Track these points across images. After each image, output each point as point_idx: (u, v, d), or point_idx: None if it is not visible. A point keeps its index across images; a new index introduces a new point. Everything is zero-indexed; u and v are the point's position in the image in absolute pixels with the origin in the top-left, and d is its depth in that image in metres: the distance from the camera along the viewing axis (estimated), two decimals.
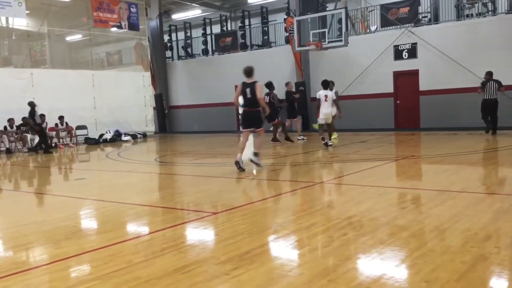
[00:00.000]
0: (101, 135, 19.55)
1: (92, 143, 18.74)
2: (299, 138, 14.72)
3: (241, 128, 9.40)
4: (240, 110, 9.71)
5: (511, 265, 3.37)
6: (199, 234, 4.70)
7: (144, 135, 21.52)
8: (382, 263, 3.52)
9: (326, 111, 12.14)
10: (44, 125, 16.50)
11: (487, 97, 13.50)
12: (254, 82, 9.06)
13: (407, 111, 17.67)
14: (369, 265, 3.54)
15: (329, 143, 12.15)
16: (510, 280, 3.16)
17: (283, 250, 4.02)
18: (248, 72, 9.28)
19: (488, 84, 13.53)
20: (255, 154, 8.85)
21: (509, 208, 4.94)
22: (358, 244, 4.02)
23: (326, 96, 12.06)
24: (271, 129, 14.04)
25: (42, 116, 16.43)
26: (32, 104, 15.74)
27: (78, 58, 25.99)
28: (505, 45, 15.54)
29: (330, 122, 12.36)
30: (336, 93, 13.47)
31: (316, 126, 13.12)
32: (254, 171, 8.74)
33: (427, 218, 4.76)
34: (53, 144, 17.12)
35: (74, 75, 20.31)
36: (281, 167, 9.98)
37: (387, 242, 4.00)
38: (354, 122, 17.62)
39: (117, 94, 21.23)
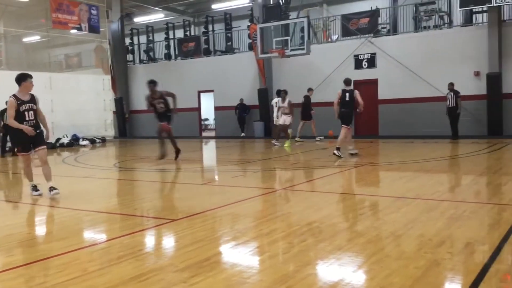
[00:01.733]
0: (58, 139, 19.01)
1: (48, 147, 18.12)
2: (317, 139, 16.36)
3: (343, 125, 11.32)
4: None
5: (463, 270, 3.48)
6: (158, 241, 4.64)
7: (103, 140, 21.08)
8: (340, 269, 3.57)
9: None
10: None
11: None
12: (353, 90, 11.24)
13: (366, 119, 18.04)
14: (327, 270, 3.58)
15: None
16: (462, 284, 3.26)
17: (243, 256, 4.02)
18: (348, 82, 11.41)
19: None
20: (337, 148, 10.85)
21: (461, 214, 5.11)
22: (317, 250, 4.06)
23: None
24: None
25: None
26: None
27: (36, 60, 25.24)
28: (460, 57, 16.14)
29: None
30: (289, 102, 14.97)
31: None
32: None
33: (384, 224, 4.87)
34: (7, 148, 16.52)
35: None
36: (242, 173, 9.99)
37: (345, 248, 4.06)
38: (316, 129, 17.84)
39: (76, 97, 20.72)
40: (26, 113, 6.94)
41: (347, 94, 11.10)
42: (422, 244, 4.06)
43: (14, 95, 6.93)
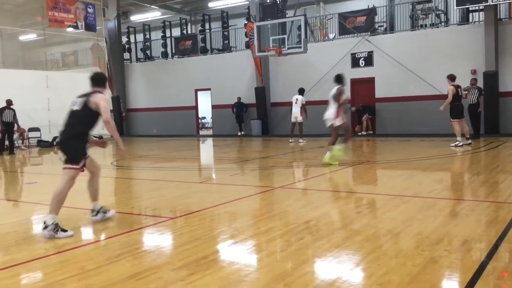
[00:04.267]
0: (55, 138, 18.94)
1: (45, 146, 18.14)
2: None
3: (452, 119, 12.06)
4: None
5: (460, 268, 3.49)
6: (156, 240, 4.63)
7: (100, 138, 21.00)
8: (337, 267, 3.58)
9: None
10: None
11: (471, 102, 14.03)
12: (458, 85, 12.08)
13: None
14: (324, 268, 3.59)
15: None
16: (460, 282, 3.27)
17: (241, 255, 4.02)
18: (453, 77, 12.10)
19: (471, 89, 14.08)
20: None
21: (459, 212, 5.13)
22: (314, 248, 4.07)
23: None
24: None
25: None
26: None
27: (32, 58, 25.22)
28: (456, 55, 16.17)
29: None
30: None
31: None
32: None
33: (381, 222, 4.88)
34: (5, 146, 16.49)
35: (27, 76, 19.63)
36: (240, 171, 9.99)
37: (342, 246, 4.07)
38: (312, 127, 17.85)
39: (73, 96, 20.50)
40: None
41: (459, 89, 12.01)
42: (419, 242, 4.07)
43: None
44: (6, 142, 15.86)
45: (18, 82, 18.51)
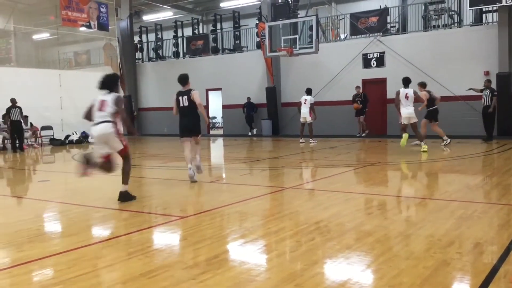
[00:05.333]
0: (67, 136, 19.14)
1: (58, 144, 18.32)
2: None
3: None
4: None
5: (472, 271, 3.47)
6: (167, 238, 4.66)
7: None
8: (348, 268, 3.57)
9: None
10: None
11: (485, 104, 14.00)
12: (429, 91, 12.45)
13: (375, 118, 17.97)
14: (335, 269, 3.58)
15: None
16: (471, 285, 3.25)
17: (251, 254, 4.03)
18: (424, 84, 12.53)
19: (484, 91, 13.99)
20: None
21: (471, 214, 5.09)
22: (325, 249, 4.06)
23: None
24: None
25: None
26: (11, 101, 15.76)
27: (45, 57, 25.45)
28: (469, 56, 16.04)
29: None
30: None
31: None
32: None
33: (392, 223, 4.86)
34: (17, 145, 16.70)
35: (40, 74, 19.84)
36: (250, 171, 10.00)
37: (353, 247, 4.06)
38: (324, 128, 17.82)
39: (85, 95, 20.62)
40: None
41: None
42: (431, 244, 4.05)
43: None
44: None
45: (31, 81, 18.72)
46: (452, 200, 5.98)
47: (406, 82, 11.94)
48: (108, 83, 6.75)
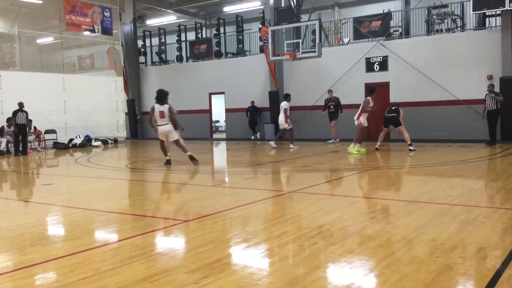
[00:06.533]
0: (71, 140, 19.19)
1: (61, 148, 18.36)
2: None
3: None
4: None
5: (475, 275, 3.45)
6: (169, 242, 4.66)
7: (115, 141, 21.22)
8: (350, 272, 3.56)
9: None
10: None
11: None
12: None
13: (377, 122, 17.93)
14: (338, 274, 3.57)
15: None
16: None
17: (254, 258, 4.02)
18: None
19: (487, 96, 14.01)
20: None
21: (474, 219, 5.07)
22: (327, 253, 4.05)
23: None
24: None
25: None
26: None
27: (49, 61, 25.54)
28: (472, 60, 16.01)
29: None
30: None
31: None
32: None
33: (395, 228, 4.85)
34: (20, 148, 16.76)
35: (44, 78, 19.93)
36: (253, 175, 10.00)
37: (355, 251, 4.05)
38: (326, 132, 17.81)
39: (89, 99, 20.92)
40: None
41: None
42: (434, 248, 4.04)
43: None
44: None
45: (35, 85, 18.80)
46: (455, 205, 5.96)
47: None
48: (162, 97, 11.04)
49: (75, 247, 4.37)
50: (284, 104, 14.96)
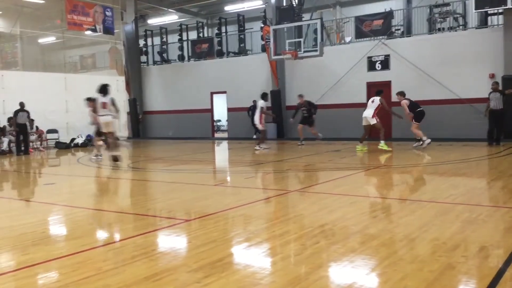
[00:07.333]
0: (73, 140, 19.21)
1: (63, 147, 18.38)
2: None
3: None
4: None
5: (477, 274, 3.45)
6: (171, 242, 4.66)
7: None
8: (353, 271, 3.56)
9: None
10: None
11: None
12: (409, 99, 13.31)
13: (379, 121, 17.89)
14: (340, 273, 3.57)
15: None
16: None
17: (256, 258, 4.02)
18: (404, 93, 13.38)
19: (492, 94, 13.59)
20: None
21: (476, 218, 5.06)
22: (329, 252, 4.05)
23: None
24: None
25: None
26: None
27: (51, 61, 25.58)
28: (474, 59, 15.97)
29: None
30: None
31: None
32: None
33: (397, 227, 4.84)
34: (22, 148, 16.79)
35: (46, 78, 19.95)
36: (254, 174, 9.99)
37: (358, 250, 4.04)
38: (328, 131, 17.79)
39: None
40: None
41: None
42: (436, 247, 4.03)
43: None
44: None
45: (37, 84, 18.82)
46: (458, 203, 5.95)
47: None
48: (104, 89, 11.31)
49: (77, 247, 4.38)
50: (260, 103, 14.54)
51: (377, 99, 13.09)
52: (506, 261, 3.63)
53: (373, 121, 13.02)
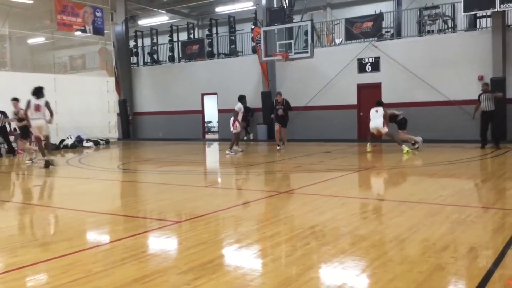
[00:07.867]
0: (62, 141, 19.06)
1: (52, 148, 18.18)
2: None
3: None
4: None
5: (467, 275, 3.47)
6: (161, 243, 4.64)
7: (107, 142, 21.11)
8: (343, 272, 3.57)
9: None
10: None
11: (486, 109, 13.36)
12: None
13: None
14: (330, 274, 3.58)
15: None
16: None
17: (246, 259, 4.02)
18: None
19: (484, 95, 13.40)
20: None
21: (465, 219, 5.10)
22: (320, 253, 4.06)
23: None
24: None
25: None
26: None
27: (40, 61, 25.34)
28: (463, 61, 16.12)
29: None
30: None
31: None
32: None
33: (387, 228, 4.86)
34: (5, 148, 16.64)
35: (35, 79, 19.67)
36: (245, 176, 9.99)
37: (348, 251, 4.06)
38: (319, 132, 17.86)
39: (80, 99, 20.77)
40: None
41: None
42: (425, 248, 4.06)
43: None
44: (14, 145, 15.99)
45: (27, 85, 18.55)
46: (447, 205, 5.99)
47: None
48: (38, 91, 11.47)
49: (66, 249, 4.34)
50: (237, 107, 14.03)
51: (381, 109, 13.09)
52: (495, 262, 3.66)
53: (385, 130, 13.09)
